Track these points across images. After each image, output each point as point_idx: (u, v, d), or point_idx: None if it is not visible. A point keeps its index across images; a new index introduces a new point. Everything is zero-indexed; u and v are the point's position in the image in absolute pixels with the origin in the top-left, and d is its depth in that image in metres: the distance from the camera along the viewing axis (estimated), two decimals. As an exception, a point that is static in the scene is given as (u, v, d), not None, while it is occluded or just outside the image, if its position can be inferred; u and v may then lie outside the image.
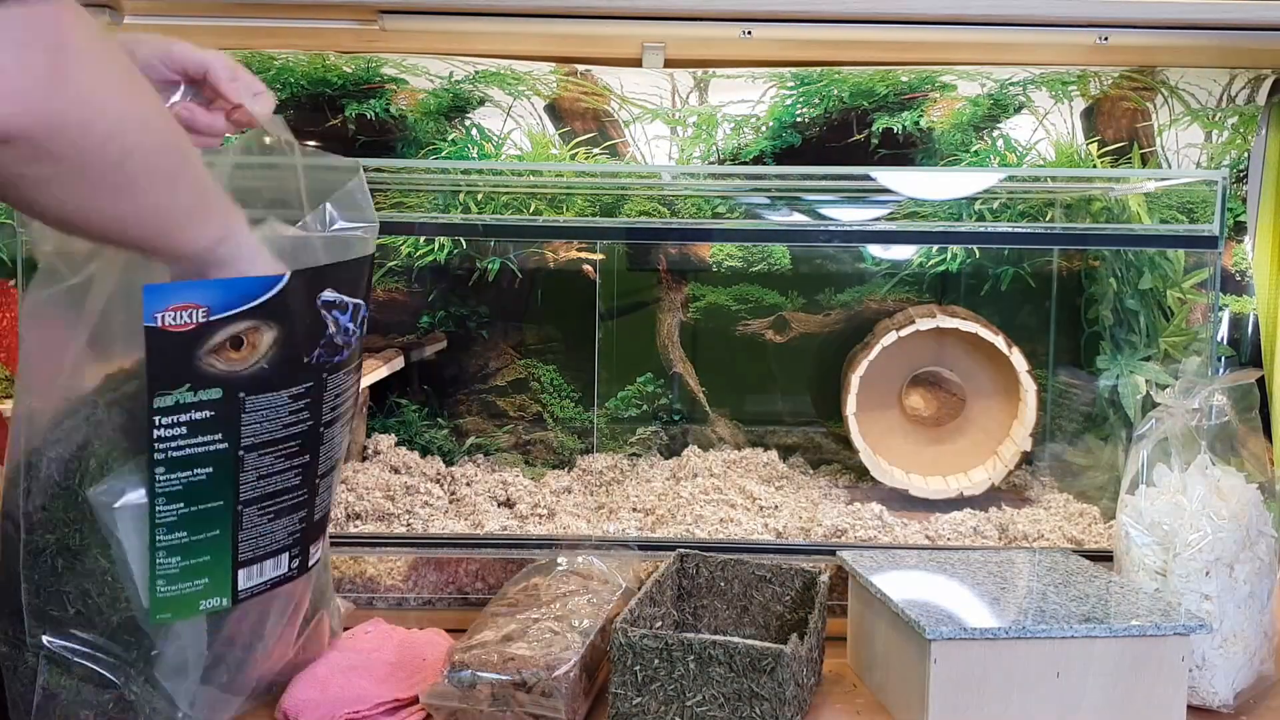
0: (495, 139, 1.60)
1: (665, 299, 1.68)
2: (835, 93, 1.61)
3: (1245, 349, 1.60)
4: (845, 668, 1.17)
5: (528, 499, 1.48)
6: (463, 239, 1.64)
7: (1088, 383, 1.62)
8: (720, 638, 0.97)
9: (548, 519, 1.43)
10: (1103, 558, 1.23)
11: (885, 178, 1.48)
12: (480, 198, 1.61)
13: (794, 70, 1.60)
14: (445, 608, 1.29)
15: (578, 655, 1.00)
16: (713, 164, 1.62)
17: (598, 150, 1.61)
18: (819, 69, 1.60)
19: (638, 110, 1.61)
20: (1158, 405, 1.19)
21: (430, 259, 1.64)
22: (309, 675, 1.04)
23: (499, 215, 1.62)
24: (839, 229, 1.58)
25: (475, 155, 1.60)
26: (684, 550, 1.22)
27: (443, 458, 1.60)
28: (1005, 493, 1.57)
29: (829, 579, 1.15)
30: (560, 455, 1.67)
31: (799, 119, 1.61)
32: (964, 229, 1.60)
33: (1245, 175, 1.60)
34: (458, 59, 1.59)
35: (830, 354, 1.67)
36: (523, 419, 1.68)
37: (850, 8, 1.46)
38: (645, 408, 1.69)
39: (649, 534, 1.38)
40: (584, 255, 1.65)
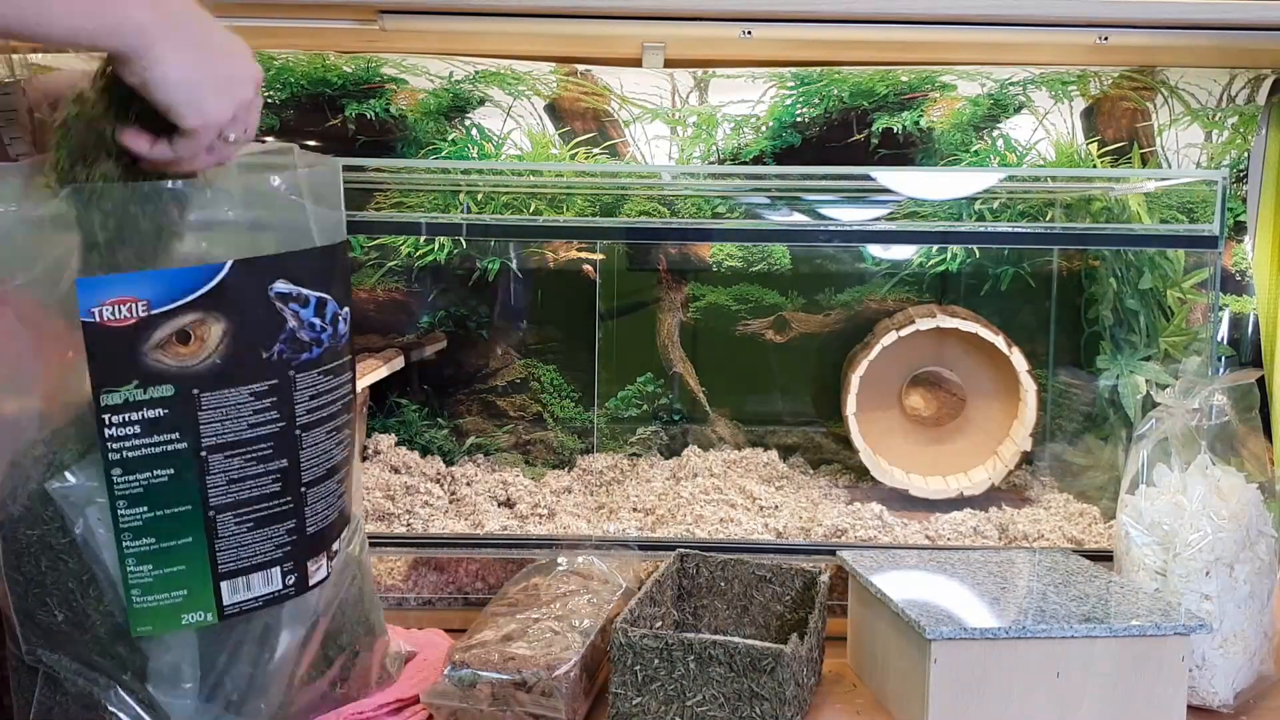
0: (495, 139, 1.60)
1: (665, 299, 1.68)
2: (835, 93, 1.61)
3: (1245, 349, 1.60)
4: (845, 668, 1.17)
5: (528, 499, 1.48)
6: (463, 239, 1.64)
7: (1088, 383, 1.62)
8: (720, 638, 0.97)
9: (548, 519, 1.43)
10: (1103, 558, 1.23)
11: (885, 178, 1.48)
12: (480, 198, 1.61)
13: (794, 70, 1.60)
14: (445, 608, 1.29)
15: (578, 655, 1.00)
16: (713, 164, 1.62)
17: (598, 150, 1.61)
18: (819, 69, 1.60)
19: (638, 110, 1.61)
20: (1158, 405, 1.19)
21: (430, 259, 1.64)
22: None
23: (499, 215, 1.62)
24: (839, 229, 1.58)
25: (475, 155, 1.60)
26: (684, 550, 1.22)
27: (443, 458, 1.60)
28: (1005, 493, 1.57)
29: (829, 579, 1.16)
30: (560, 455, 1.67)
31: (799, 119, 1.61)
32: (964, 229, 1.60)
33: (1245, 175, 1.60)
34: (458, 59, 1.59)
35: (830, 354, 1.67)
36: (523, 419, 1.68)
37: (850, 8, 1.45)
38: (645, 408, 1.69)
39: (649, 534, 1.38)
40: (584, 255, 1.65)
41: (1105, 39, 1.51)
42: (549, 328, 1.68)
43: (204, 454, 0.81)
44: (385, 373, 1.54)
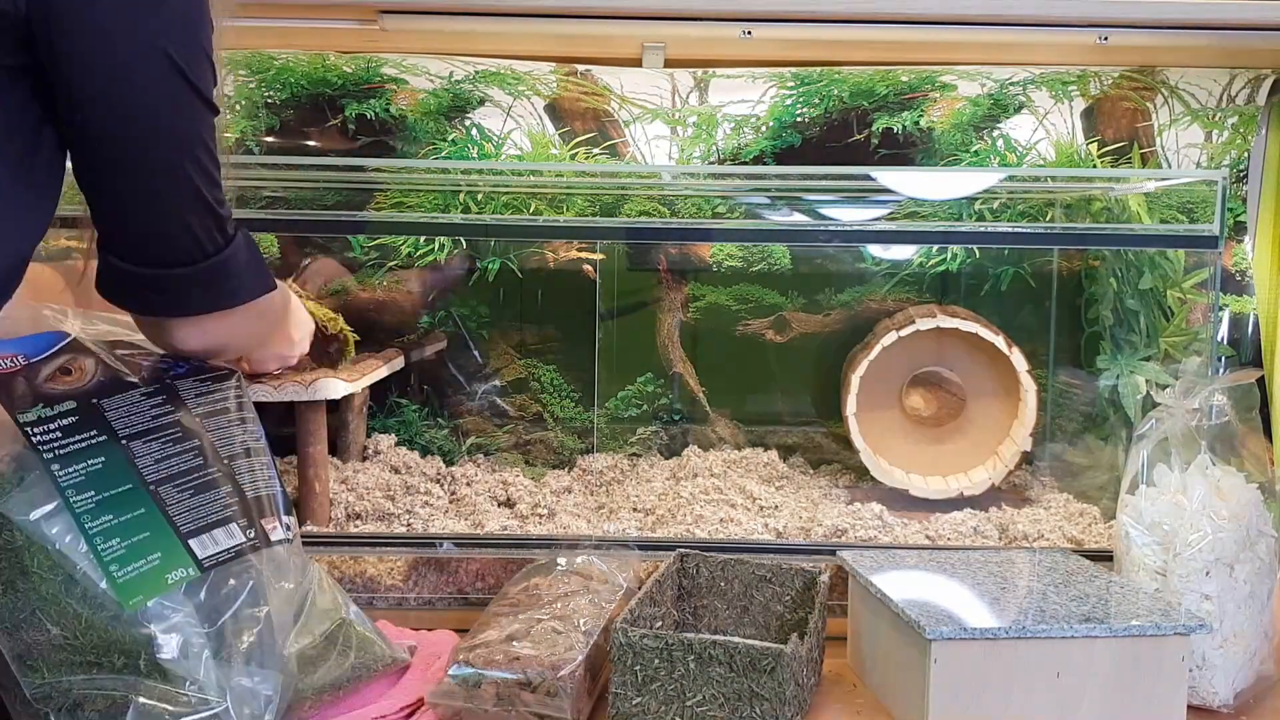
0: (495, 139, 1.60)
1: (665, 299, 1.68)
2: (835, 93, 1.61)
3: (1245, 349, 1.60)
4: (845, 668, 1.17)
5: (528, 499, 1.48)
6: (463, 239, 1.64)
7: (1088, 383, 1.62)
8: (720, 638, 0.97)
9: (548, 519, 1.43)
10: (1103, 558, 1.23)
11: (885, 178, 1.48)
12: (480, 198, 1.61)
13: (794, 70, 1.60)
14: (445, 608, 1.29)
15: (582, 655, 1.00)
16: (713, 164, 1.62)
17: (598, 150, 1.61)
18: (819, 69, 1.60)
19: (638, 110, 1.61)
20: (1158, 405, 1.19)
21: (430, 259, 1.64)
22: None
23: (499, 215, 1.62)
24: (839, 229, 1.58)
25: (475, 155, 1.60)
26: (684, 550, 1.22)
27: (443, 458, 1.60)
28: (1005, 493, 1.57)
29: (829, 579, 1.16)
30: (560, 455, 1.67)
31: (799, 119, 1.61)
32: (964, 229, 1.60)
33: (1245, 175, 1.60)
34: (458, 59, 1.59)
35: (830, 354, 1.67)
36: (523, 419, 1.68)
37: (850, 8, 1.46)
38: (645, 408, 1.69)
39: (649, 534, 1.38)
40: (584, 255, 1.65)
41: (1105, 39, 1.51)
42: (549, 328, 1.68)
43: (125, 442, 0.93)
44: (385, 373, 1.54)
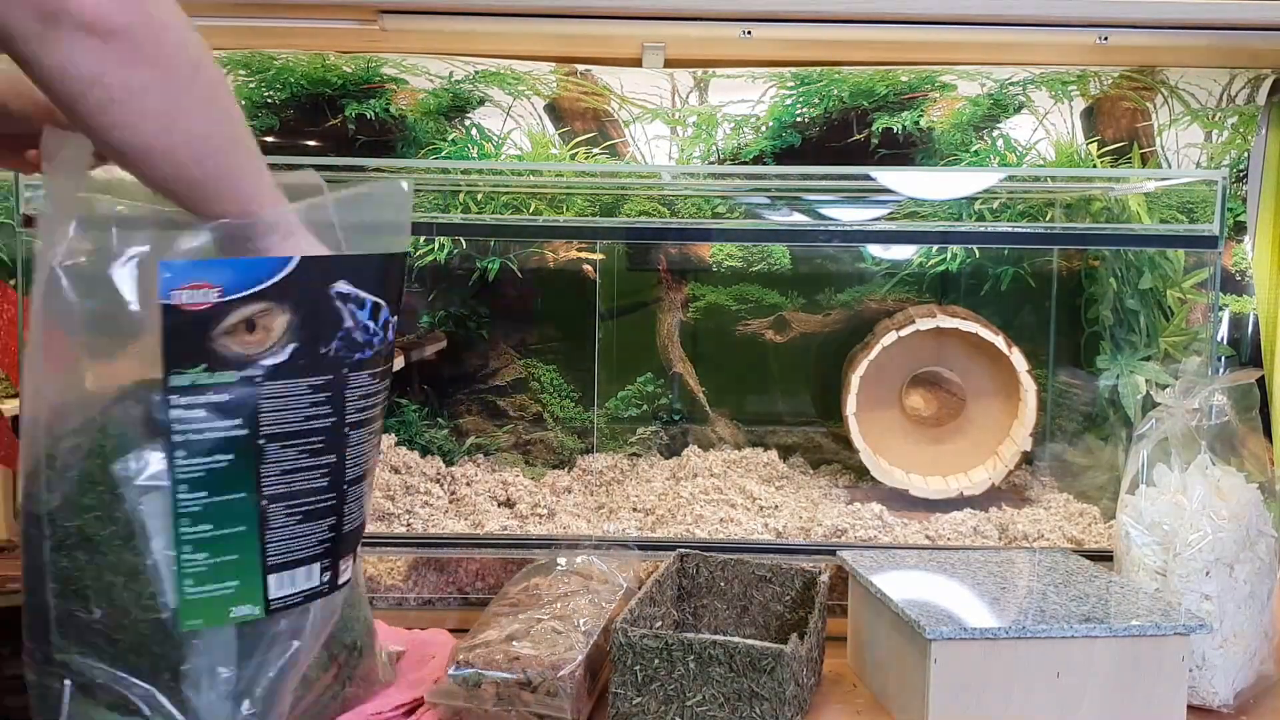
0: (495, 139, 1.60)
1: (665, 299, 1.68)
2: (835, 93, 1.61)
3: (1245, 349, 1.60)
4: (845, 668, 1.17)
5: (528, 499, 1.48)
6: (463, 239, 1.64)
7: (1088, 383, 1.62)
8: (720, 638, 0.97)
9: (548, 519, 1.43)
10: (1103, 558, 1.23)
11: (885, 178, 1.48)
12: (480, 198, 1.61)
13: (794, 70, 1.60)
14: (445, 608, 1.29)
15: (582, 655, 1.00)
16: (713, 164, 1.62)
17: (598, 150, 1.61)
18: (819, 69, 1.60)
19: (638, 110, 1.61)
20: (1158, 405, 1.19)
21: (430, 259, 1.64)
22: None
23: (499, 215, 1.62)
24: (839, 229, 1.58)
25: (475, 155, 1.60)
26: (684, 550, 1.22)
27: (443, 458, 1.60)
28: (1005, 493, 1.57)
29: (829, 579, 1.16)
30: (560, 455, 1.67)
31: (799, 119, 1.61)
32: (964, 229, 1.60)
33: (1245, 175, 1.60)
34: (458, 59, 1.59)
35: (830, 354, 1.67)
36: (523, 419, 1.68)
37: (850, 8, 1.46)
38: (645, 408, 1.69)
39: (649, 534, 1.38)
40: (584, 255, 1.65)
41: (1105, 39, 1.51)
42: (549, 328, 1.68)
43: (261, 442, 0.83)
44: (385, 373, 1.54)
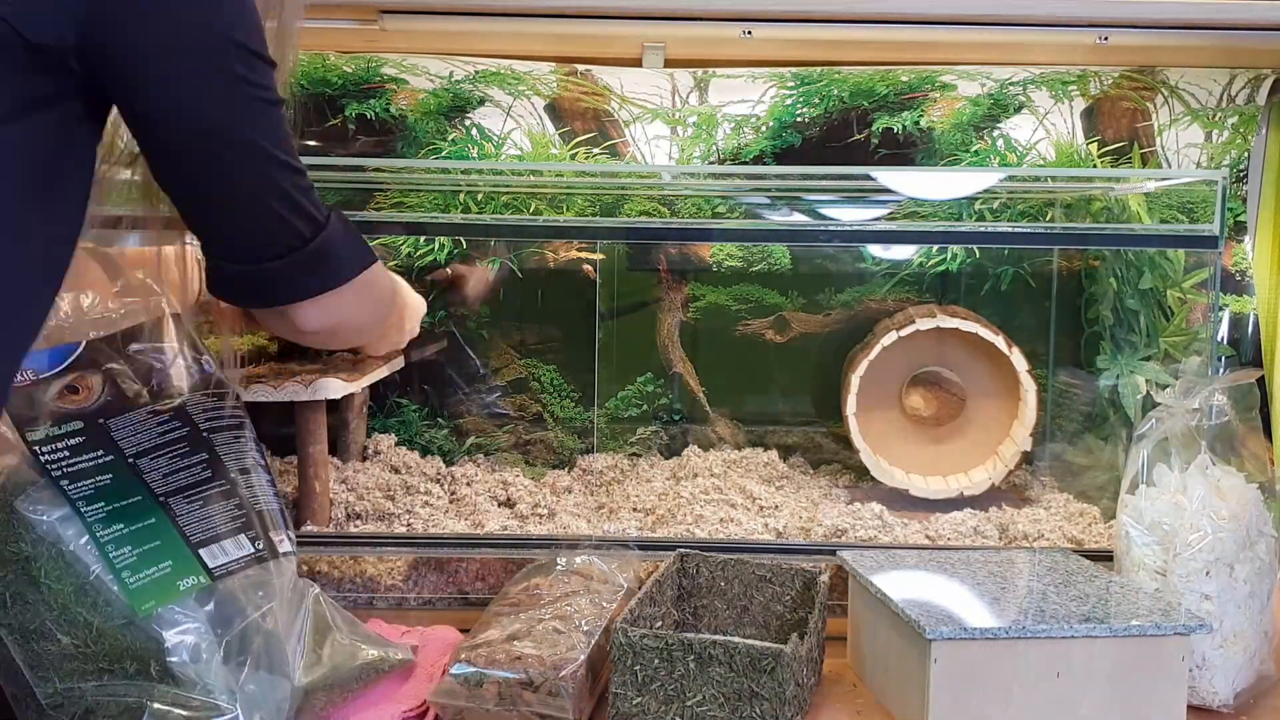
0: (495, 139, 1.60)
1: (665, 299, 1.68)
2: (835, 93, 1.61)
3: (1245, 349, 1.60)
4: (845, 668, 1.17)
5: (528, 499, 1.48)
6: (463, 239, 1.64)
7: (1088, 383, 1.62)
8: (720, 637, 0.97)
9: (548, 519, 1.43)
10: (1103, 558, 1.23)
11: (885, 178, 1.48)
12: (480, 198, 1.61)
13: (794, 70, 1.60)
14: (445, 608, 1.29)
15: (584, 655, 1.00)
16: (713, 164, 1.62)
17: (598, 150, 1.61)
18: (819, 69, 1.60)
19: (638, 110, 1.61)
20: (1158, 405, 1.19)
21: (430, 259, 1.64)
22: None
23: (499, 215, 1.62)
24: (839, 229, 1.58)
25: (475, 155, 1.60)
26: (684, 550, 1.22)
27: (443, 458, 1.60)
28: (1005, 493, 1.57)
29: (829, 579, 1.16)
30: (560, 455, 1.67)
31: (799, 119, 1.61)
32: (964, 229, 1.60)
33: (1245, 175, 1.60)
34: (458, 59, 1.59)
35: (830, 354, 1.67)
36: (523, 419, 1.68)
37: (850, 8, 1.46)
38: (645, 408, 1.69)
39: (649, 534, 1.38)
40: (584, 255, 1.65)
41: (1105, 39, 1.51)
42: (549, 328, 1.68)
43: (131, 460, 0.96)
44: (385, 373, 1.54)
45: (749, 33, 1.49)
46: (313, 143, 1.58)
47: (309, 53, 1.58)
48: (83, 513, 0.91)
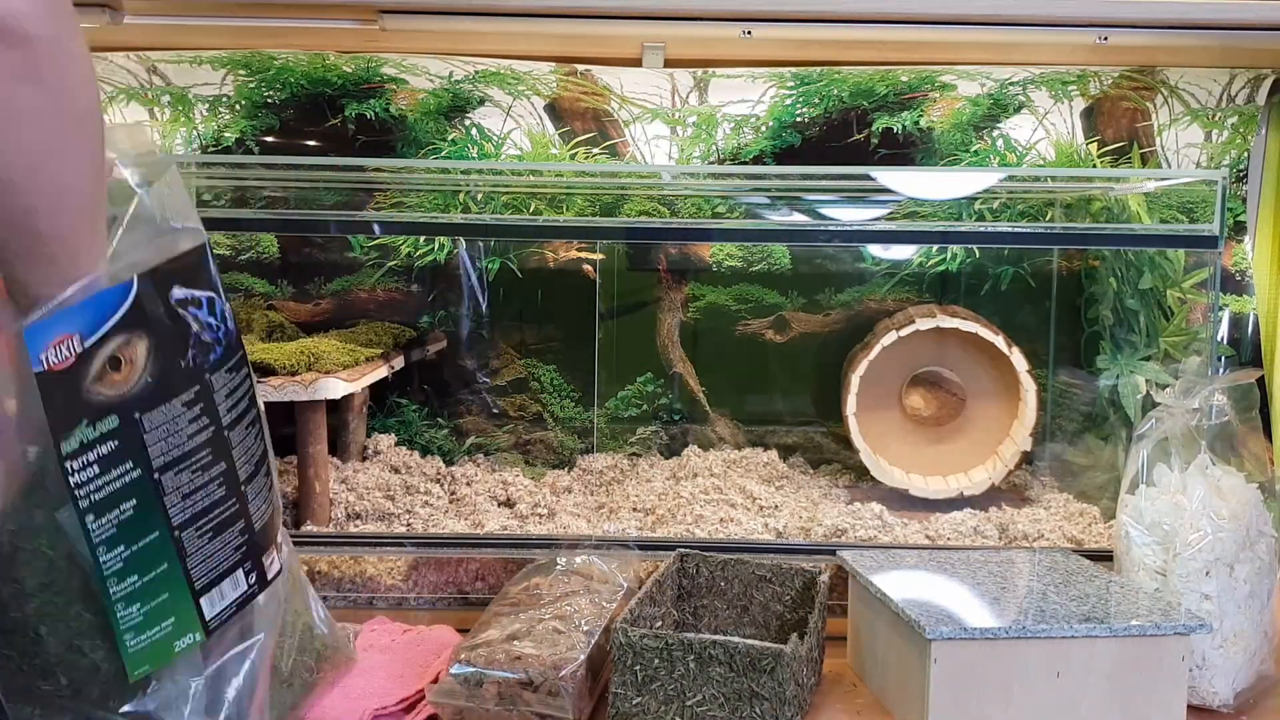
0: (495, 139, 1.60)
1: (665, 299, 1.68)
2: (835, 93, 1.61)
3: (1245, 349, 1.60)
4: (845, 668, 1.17)
5: (528, 499, 1.48)
6: (463, 239, 1.64)
7: (1088, 383, 1.62)
8: (720, 637, 0.97)
9: (548, 519, 1.43)
10: (1103, 558, 1.23)
11: (885, 178, 1.48)
12: (480, 198, 1.61)
13: (794, 70, 1.60)
14: (445, 608, 1.29)
15: (584, 655, 1.00)
16: (713, 164, 1.62)
17: (598, 150, 1.61)
18: (819, 69, 1.60)
19: (638, 110, 1.61)
20: (1158, 405, 1.19)
21: (430, 259, 1.64)
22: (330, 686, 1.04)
23: (499, 215, 1.62)
24: (839, 229, 1.58)
25: (475, 155, 1.60)
26: (684, 550, 1.22)
27: (443, 458, 1.60)
28: (1005, 493, 1.57)
29: (829, 579, 1.16)
30: (560, 455, 1.67)
31: (799, 119, 1.61)
32: (964, 229, 1.60)
33: (1245, 175, 1.60)
34: (458, 59, 1.59)
35: (830, 354, 1.67)
36: (523, 419, 1.68)
37: (850, 8, 1.45)
38: (645, 408, 1.69)
39: (649, 534, 1.38)
40: (584, 255, 1.65)
41: (1105, 39, 1.51)
42: (549, 328, 1.68)
43: (157, 476, 0.83)
44: (385, 373, 1.54)
45: (749, 33, 1.49)
46: (313, 143, 1.58)
47: (309, 52, 1.58)
48: (102, 564, 0.79)
